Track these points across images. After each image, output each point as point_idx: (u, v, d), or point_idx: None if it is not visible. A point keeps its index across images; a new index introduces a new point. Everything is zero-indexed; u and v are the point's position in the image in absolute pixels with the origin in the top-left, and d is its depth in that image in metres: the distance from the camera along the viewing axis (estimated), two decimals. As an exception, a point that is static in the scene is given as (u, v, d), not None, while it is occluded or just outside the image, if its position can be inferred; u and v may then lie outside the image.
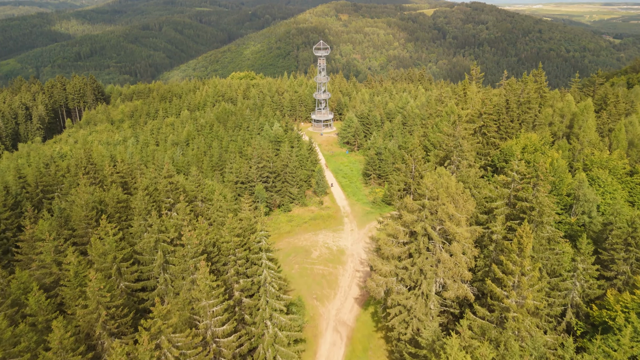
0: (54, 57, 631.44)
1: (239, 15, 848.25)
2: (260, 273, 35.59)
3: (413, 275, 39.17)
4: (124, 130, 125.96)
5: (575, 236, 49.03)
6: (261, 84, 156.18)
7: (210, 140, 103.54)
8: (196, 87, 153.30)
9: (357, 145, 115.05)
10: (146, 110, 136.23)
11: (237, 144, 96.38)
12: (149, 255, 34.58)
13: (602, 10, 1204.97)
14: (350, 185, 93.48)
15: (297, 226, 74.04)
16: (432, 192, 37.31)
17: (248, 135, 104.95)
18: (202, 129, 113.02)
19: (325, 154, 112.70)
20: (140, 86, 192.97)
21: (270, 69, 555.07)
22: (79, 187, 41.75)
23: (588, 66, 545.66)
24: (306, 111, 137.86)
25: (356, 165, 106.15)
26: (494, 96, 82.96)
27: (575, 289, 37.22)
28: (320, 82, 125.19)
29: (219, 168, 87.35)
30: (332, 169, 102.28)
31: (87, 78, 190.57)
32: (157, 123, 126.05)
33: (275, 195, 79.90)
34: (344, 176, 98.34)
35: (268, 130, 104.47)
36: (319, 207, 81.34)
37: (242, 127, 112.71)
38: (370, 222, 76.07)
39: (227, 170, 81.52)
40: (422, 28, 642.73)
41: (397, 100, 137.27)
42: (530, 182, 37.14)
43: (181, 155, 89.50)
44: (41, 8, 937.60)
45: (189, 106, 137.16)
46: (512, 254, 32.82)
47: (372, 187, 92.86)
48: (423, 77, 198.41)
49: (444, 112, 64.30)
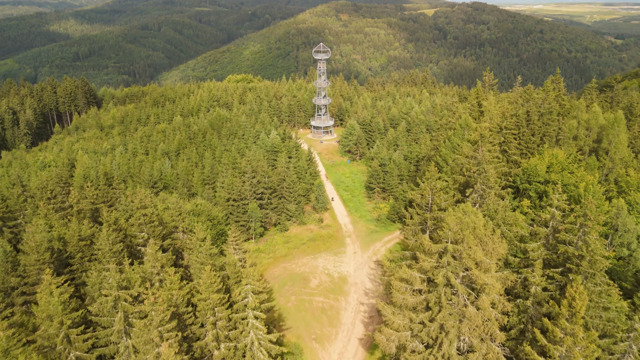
0: (52, 57, 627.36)
1: (238, 15, 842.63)
2: (246, 335, 28.91)
3: (432, 332, 32.48)
4: (114, 137, 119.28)
5: (615, 273, 42.47)
6: (259, 88, 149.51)
7: (202, 149, 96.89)
8: (190, 91, 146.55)
9: (359, 154, 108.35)
10: (137, 116, 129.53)
11: (231, 154, 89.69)
12: (108, 317, 28.07)
13: (603, 10, 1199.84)
14: (352, 199, 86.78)
15: (295, 248, 67.37)
16: (457, 234, 30.64)
17: (243, 145, 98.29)
18: (195, 137, 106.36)
19: (325, 163, 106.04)
20: (134, 89, 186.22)
21: (269, 69, 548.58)
22: (34, 220, 35.13)
23: (590, 67, 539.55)
24: (305, 117, 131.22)
25: (358, 176, 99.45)
26: (509, 104, 76.39)
27: (630, 353, 30.54)
28: (320, 86, 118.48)
29: (210, 182, 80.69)
30: (333, 181, 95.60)
31: (79, 80, 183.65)
32: (148, 130, 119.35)
33: (270, 212, 73.24)
34: (346, 189, 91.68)
35: (264, 139, 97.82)
36: (318, 225, 74.66)
37: (237, 134, 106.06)
38: (375, 243, 69.45)
39: (219, 185, 74.88)
40: (423, 28, 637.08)
41: (401, 106, 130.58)
42: (577, 222, 30.44)
43: (170, 167, 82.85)
44: (40, 8, 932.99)
45: (182, 111, 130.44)
46: (561, 320, 26.15)
47: (376, 201, 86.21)
48: (427, 79, 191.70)
49: (457, 125, 57.66)
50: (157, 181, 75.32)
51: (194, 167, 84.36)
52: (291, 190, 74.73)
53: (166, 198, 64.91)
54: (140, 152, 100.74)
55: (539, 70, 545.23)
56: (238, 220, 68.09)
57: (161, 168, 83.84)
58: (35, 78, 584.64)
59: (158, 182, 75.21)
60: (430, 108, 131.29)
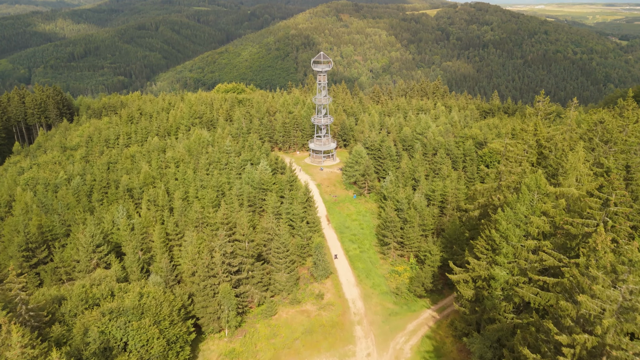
0: (47, 57, 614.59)
1: (237, 15, 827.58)
2: None
3: None
4: (75, 162, 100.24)
5: None
6: (250, 100, 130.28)
7: (173, 187, 77.73)
8: (171, 105, 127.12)
9: (367, 188, 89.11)
10: (106, 135, 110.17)
11: (207, 196, 70.58)
12: None
13: (605, 10, 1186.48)
14: (361, 256, 67.65)
15: (284, 348, 48.21)
16: None
17: (225, 179, 79.08)
18: (168, 167, 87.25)
19: (326, 199, 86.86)
20: (113, 99, 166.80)
21: (268, 70, 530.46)
22: None
23: (596, 69, 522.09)
24: (303, 137, 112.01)
25: (367, 218, 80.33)
26: (555, 132, 57.49)
27: None
28: (320, 103, 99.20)
29: (177, 241, 61.51)
30: (336, 226, 76.41)
31: (51, 89, 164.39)
32: (115, 154, 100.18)
33: (252, 289, 54.13)
34: (353, 239, 72.52)
35: (251, 172, 78.65)
36: (317, 304, 55.52)
37: (220, 163, 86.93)
38: (396, 336, 50.41)
39: (183, 251, 55.77)
40: (425, 29, 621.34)
41: (415, 124, 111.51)
42: None
43: (125, 217, 63.49)
44: (38, 7, 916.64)
45: (159, 130, 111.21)
46: None
47: (392, 260, 67.09)
48: (438, 88, 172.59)
49: (523, 187, 38.69)
50: (101, 244, 56.19)
51: (153, 222, 64.94)
52: (281, 254, 55.63)
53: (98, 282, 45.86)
54: (99, 187, 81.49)
55: (544, 72, 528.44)
56: (206, 305, 49.03)
57: (114, 218, 64.68)
58: (29, 79, 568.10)
59: (103, 246, 56.10)
60: (448, 127, 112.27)
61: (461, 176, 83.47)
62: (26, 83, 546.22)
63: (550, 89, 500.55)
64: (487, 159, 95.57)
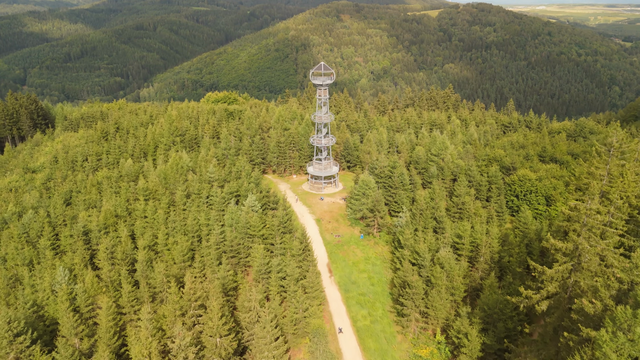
0: (43, 57, 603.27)
1: (236, 15, 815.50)
2: None
3: None
4: (33, 190, 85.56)
5: None
6: (242, 113, 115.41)
7: (140, 230, 62.94)
8: (152, 119, 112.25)
9: (376, 226, 74.01)
10: (72, 156, 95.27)
11: (178, 247, 55.85)
12: None
13: (607, 12, 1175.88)
14: (373, 328, 52.87)
15: None
16: None
17: (203, 220, 64.28)
18: (137, 200, 72.47)
19: (327, 240, 71.99)
20: (94, 108, 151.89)
21: (267, 72, 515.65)
22: None
23: (601, 71, 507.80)
24: (300, 158, 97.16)
25: (378, 268, 65.55)
26: None
27: None
28: (320, 122, 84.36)
29: (133, 315, 46.71)
30: (340, 281, 61.61)
31: (24, 98, 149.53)
32: (80, 180, 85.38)
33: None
34: (361, 301, 57.72)
35: (235, 213, 63.83)
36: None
37: (201, 196, 72.16)
38: None
39: (132, 348, 40.89)
40: (427, 30, 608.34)
41: (429, 143, 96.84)
42: None
43: (65, 283, 48.73)
44: (36, 6, 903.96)
45: (134, 150, 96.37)
46: None
47: (413, 335, 52.36)
48: (449, 97, 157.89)
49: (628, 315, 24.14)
50: (22, 333, 41.37)
51: (101, 290, 49.86)
52: (269, 345, 40.86)
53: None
54: (51, 228, 66.62)
55: (548, 74, 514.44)
56: None
57: (54, 285, 49.75)
58: (24, 80, 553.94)
59: (23, 336, 41.29)
60: (468, 148, 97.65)
61: (492, 215, 68.87)
62: (21, 84, 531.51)
63: (554, 91, 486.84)
64: (517, 189, 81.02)
